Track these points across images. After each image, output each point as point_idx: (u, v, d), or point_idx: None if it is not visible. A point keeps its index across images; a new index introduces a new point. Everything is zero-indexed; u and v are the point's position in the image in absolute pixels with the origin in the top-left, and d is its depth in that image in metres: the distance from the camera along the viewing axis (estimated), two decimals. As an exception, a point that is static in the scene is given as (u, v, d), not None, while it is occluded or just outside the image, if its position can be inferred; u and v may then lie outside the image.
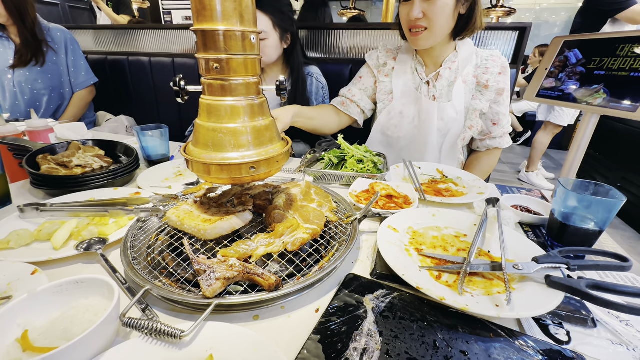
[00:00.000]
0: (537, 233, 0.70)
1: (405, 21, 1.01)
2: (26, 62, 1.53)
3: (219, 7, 0.44)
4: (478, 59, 1.09)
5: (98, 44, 2.15)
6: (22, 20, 1.48)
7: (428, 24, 0.97)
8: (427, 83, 1.12)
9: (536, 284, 0.48)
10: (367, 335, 0.41)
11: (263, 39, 1.17)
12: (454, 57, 1.09)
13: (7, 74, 1.53)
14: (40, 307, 0.40)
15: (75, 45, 1.68)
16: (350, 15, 3.80)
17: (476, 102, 1.08)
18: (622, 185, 2.55)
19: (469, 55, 1.08)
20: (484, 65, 1.08)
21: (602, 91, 0.69)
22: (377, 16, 6.38)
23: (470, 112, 1.09)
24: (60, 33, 1.62)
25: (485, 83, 1.07)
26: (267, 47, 1.20)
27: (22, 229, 0.61)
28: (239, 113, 0.51)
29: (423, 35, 1.00)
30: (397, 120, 1.16)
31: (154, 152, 1.04)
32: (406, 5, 0.99)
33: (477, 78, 1.08)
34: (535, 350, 0.40)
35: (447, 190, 0.87)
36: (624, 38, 0.66)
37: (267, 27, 1.17)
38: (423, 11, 0.95)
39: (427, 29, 0.98)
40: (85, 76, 1.72)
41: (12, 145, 0.89)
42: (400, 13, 1.03)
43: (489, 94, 1.08)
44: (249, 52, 0.49)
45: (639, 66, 0.64)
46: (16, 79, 1.55)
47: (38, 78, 1.57)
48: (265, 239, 0.53)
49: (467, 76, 1.08)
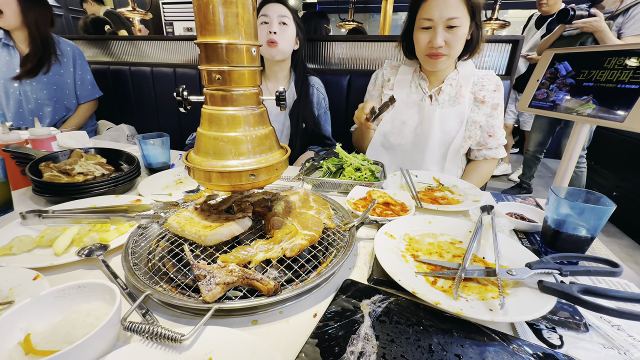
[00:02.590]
0: (531, 240, 0.72)
1: (425, 47, 1.07)
2: (32, 72, 1.56)
3: (222, 21, 0.47)
4: (475, 77, 1.17)
5: (101, 54, 2.19)
6: (39, 31, 1.52)
7: (448, 51, 1.04)
8: (429, 97, 1.18)
9: (529, 289, 0.49)
10: (364, 339, 0.42)
11: (285, 24, 1.26)
12: (455, 74, 1.17)
13: (14, 82, 1.56)
14: (42, 311, 0.41)
15: (83, 60, 1.75)
16: (349, 28, 3.89)
17: (474, 114, 1.15)
18: (618, 193, 2.57)
19: (470, 74, 1.16)
20: (480, 83, 1.16)
21: (592, 102, 0.71)
22: (374, 28, 6.52)
23: (469, 123, 1.16)
24: (70, 47, 1.68)
25: (482, 99, 1.14)
26: (286, 34, 1.27)
27: (24, 235, 0.62)
28: (239, 122, 0.52)
29: (442, 60, 1.06)
30: (400, 127, 1.20)
31: (155, 160, 1.05)
32: (427, 33, 1.04)
33: (474, 94, 1.16)
34: (529, 353, 0.41)
35: (443, 198, 0.89)
36: (611, 52, 0.68)
37: (288, 15, 1.27)
38: (445, 40, 1.02)
39: (445, 55, 1.05)
40: (91, 90, 1.79)
41: (15, 152, 0.90)
42: (419, 39, 1.07)
43: (485, 108, 1.15)
44: (249, 64, 0.51)
45: (625, 78, 0.66)
46: (22, 88, 1.58)
47: (43, 88, 1.60)
48: (264, 245, 0.54)
49: (466, 92, 1.16)
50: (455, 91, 1.16)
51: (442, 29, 1.01)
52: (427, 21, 1.02)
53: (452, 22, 0.99)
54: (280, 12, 1.25)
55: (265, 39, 1.24)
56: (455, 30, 1.01)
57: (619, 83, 0.66)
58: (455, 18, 0.99)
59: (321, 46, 1.68)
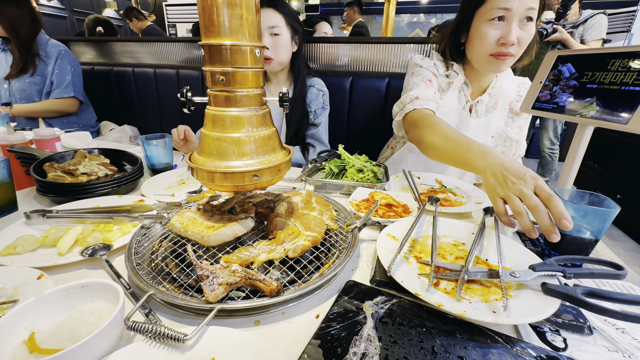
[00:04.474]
0: (534, 242, 0.71)
1: (493, 45, 0.91)
2: (18, 73, 1.68)
3: (226, 23, 0.47)
4: (515, 86, 1.07)
5: (104, 55, 2.20)
6: (16, 34, 1.61)
7: (517, 51, 0.91)
8: (470, 106, 1.09)
9: (533, 292, 0.48)
10: (367, 340, 0.42)
11: (277, 34, 1.21)
12: (494, 83, 1.07)
13: (4, 83, 1.70)
14: (46, 310, 0.41)
15: (64, 61, 1.76)
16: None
17: (508, 129, 1.08)
18: (622, 196, 2.55)
19: (509, 82, 1.07)
20: (517, 94, 1.08)
21: (595, 104, 0.71)
22: (377, 30, 6.52)
23: (503, 138, 1.09)
24: (54, 48, 1.74)
25: (518, 111, 1.06)
26: (279, 45, 1.22)
27: (29, 234, 0.62)
28: (243, 123, 0.53)
29: (508, 61, 0.93)
30: None
31: (158, 161, 1.06)
32: (498, 26, 0.89)
33: (510, 105, 1.08)
34: (532, 356, 0.40)
35: (445, 200, 0.89)
36: (614, 53, 0.68)
37: (280, 23, 1.20)
38: (517, 37, 0.89)
39: (513, 55, 0.92)
40: (65, 89, 1.78)
41: (19, 153, 0.91)
42: (486, 34, 0.91)
43: (519, 120, 1.08)
44: (253, 65, 0.51)
45: (629, 80, 0.66)
46: (10, 88, 1.72)
47: (27, 88, 1.72)
48: (267, 245, 0.54)
49: (504, 103, 1.07)
50: (493, 101, 1.07)
51: (517, 22, 0.87)
52: (502, 11, 0.86)
53: (531, 12, 0.85)
54: (269, 23, 1.18)
55: None
56: (529, 25, 0.88)
57: (623, 85, 0.66)
58: (533, 8, 0.85)
59: (323, 48, 1.68)
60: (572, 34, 2.62)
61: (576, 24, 2.66)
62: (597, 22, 2.59)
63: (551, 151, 2.94)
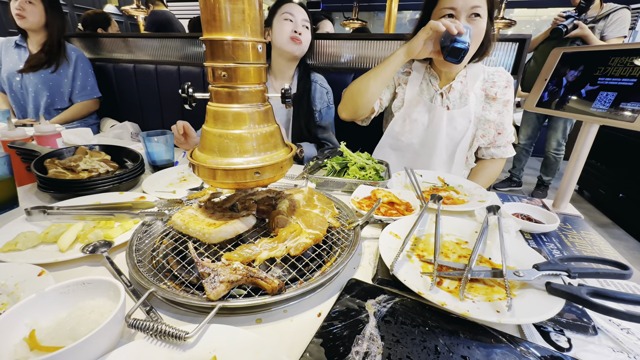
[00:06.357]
0: (538, 241, 0.71)
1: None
2: (34, 68, 1.72)
3: (228, 18, 0.46)
4: (485, 74, 1.15)
5: (105, 51, 2.19)
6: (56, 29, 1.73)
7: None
8: (440, 95, 1.16)
9: (537, 291, 0.48)
10: (369, 339, 0.41)
11: (307, 28, 1.32)
12: (465, 72, 1.15)
13: (16, 76, 1.76)
14: (47, 307, 0.41)
15: (85, 63, 1.89)
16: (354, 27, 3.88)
17: (487, 113, 1.14)
18: (625, 195, 2.54)
19: (478, 71, 1.14)
20: (491, 80, 1.14)
21: (601, 102, 0.70)
22: (379, 27, 6.49)
23: (482, 122, 1.14)
24: (74, 52, 1.85)
25: (494, 95, 1.13)
26: (306, 38, 1.31)
27: (30, 231, 0.62)
28: (244, 119, 0.52)
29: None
30: (411, 126, 1.19)
31: (159, 158, 1.05)
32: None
33: (485, 91, 1.14)
34: (537, 356, 0.40)
35: (448, 198, 0.88)
36: (620, 50, 0.67)
37: (308, 22, 1.33)
38: None
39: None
40: (90, 91, 1.91)
41: (20, 149, 0.90)
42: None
43: (496, 105, 1.14)
44: (255, 61, 0.51)
45: (637, 74, 0.65)
46: (23, 81, 1.77)
47: (40, 82, 1.77)
48: (269, 243, 0.54)
49: (477, 89, 1.14)
50: (465, 88, 1.14)
51: (464, 19, 0.97)
52: (449, 10, 0.98)
53: (476, 10, 0.96)
54: (303, 17, 1.31)
55: (289, 35, 1.26)
56: (477, 21, 0.97)
57: (629, 81, 0.65)
58: (479, 7, 0.96)
59: (326, 45, 1.67)
60: (592, 29, 2.40)
61: (597, 19, 2.43)
62: (620, 17, 2.37)
63: (556, 152, 2.81)
